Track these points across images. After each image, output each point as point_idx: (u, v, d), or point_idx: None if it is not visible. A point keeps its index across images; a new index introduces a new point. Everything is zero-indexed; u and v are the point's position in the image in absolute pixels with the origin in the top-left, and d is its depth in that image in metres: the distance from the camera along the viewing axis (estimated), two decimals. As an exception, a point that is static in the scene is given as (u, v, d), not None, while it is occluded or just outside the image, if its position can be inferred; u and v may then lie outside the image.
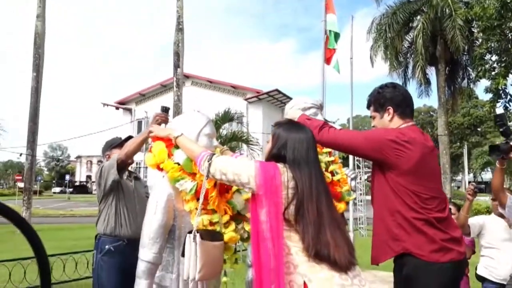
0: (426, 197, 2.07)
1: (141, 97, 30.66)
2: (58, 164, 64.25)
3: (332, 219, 1.65)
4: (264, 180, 1.59)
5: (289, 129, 1.79)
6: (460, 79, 20.83)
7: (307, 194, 1.62)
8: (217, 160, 1.66)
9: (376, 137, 2.13)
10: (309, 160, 1.69)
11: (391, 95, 2.28)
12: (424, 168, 2.10)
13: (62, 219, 19.76)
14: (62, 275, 6.37)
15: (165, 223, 1.79)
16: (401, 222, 2.05)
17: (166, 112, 2.83)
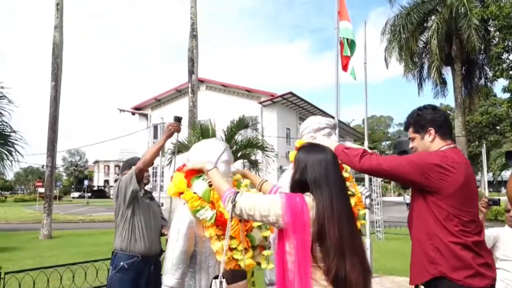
0: (465, 220, 2.11)
1: (156, 103, 30.99)
2: (76, 169, 65.29)
3: (352, 243, 1.63)
4: (292, 218, 1.58)
5: (308, 151, 1.80)
6: (477, 78, 20.51)
7: (328, 216, 1.60)
8: (241, 202, 1.65)
9: (420, 162, 2.14)
10: (329, 181, 1.67)
11: (432, 117, 2.31)
12: (466, 192, 2.14)
13: (82, 225, 20.11)
14: (83, 282, 6.51)
15: (186, 249, 1.86)
16: (438, 246, 2.10)
17: (179, 121, 2.93)
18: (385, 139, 70.40)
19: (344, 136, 39.77)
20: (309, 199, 1.65)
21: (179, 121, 2.93)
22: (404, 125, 2.46)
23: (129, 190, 2.96)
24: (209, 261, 1.94)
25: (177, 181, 1.97)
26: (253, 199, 1.68)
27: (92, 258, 8.05)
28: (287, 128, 28.61)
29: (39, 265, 8.06)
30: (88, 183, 50.83)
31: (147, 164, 3.00)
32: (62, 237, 14.42)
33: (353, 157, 2.16)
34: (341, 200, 1.67)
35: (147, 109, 31.26)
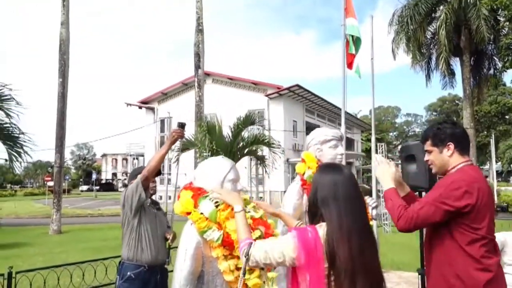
0: (486, 242, 2.14)
1: (163, 96, 31.02)
2: (84, 163, 65.84)
3: (364, 262, 1.57)
4: (306, 258, 1.56)
5: (321, 172, 1.79)
6: (485, 69, 20.26)
7: (336, 234, 1.57)
8: (254, 253, 1.64)
9: (450, 206, 2.13)
10: (336, 197, 1.64)
11: (452, 131, 2.33)
12: (488, 207, 2.18)
13: (91, 219, 20.31)
14: (93, 280, 6.60)
15: (194, 269, 1.88)
16: (459, 273, 2.12)
17: (183, 127, 2.95)
18: (392, 130, 70.01)
19: (351, 127, 39.60)
20: (322, 232, 1.62)
21: (182, 127, 2.95)
22: (422, 138, 2.45)
23: (135, 198, 2.98)
24: (216, 281, 1.95)
25: (184, 201, 1.98)
26: (266, 247, 1.65)
27: (101, 253, 8.15)
28: (293, 120, 28.55)
29: (50, 261, 8.19)
30: (96, 176, 51.27)
31: (152, 171, 3.01)
32: (72, 232, 14.59)
33: (394, 215, 2.20)
34: (351, 216, 1.62)
35: (153, 103, 31.32)
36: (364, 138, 45.01)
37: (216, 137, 9.58)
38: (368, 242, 1.64)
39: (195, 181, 2.06)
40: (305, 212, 2.65)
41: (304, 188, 2.65)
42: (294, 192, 2.65)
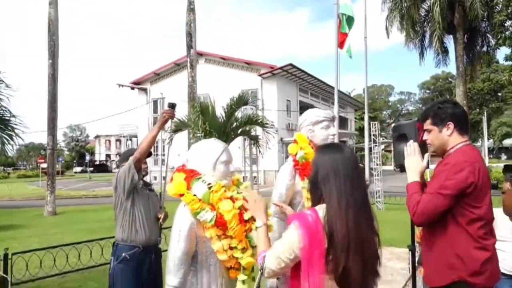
0: (484, 223, 2.19)
1: (155, 77, 30.72)
2: (77, 144, 65.53)
3: (358, 238, 1.60)
4: (310, 241, 1.58)
5: (321, 152, 1.81)
6: (479, 46, 20.23)
7: (335, 210, 1.60)
8: (267, 264, 1.66)
9: (456, 188, 2.15)
10: (337, 175, 1.66)
11: (453, 111, 2.34)
12: (487, 187, 2.24)
13: (85, 200, 20.37)
14: (89, 260, 6.67)
15: (188, 250, 1.91)
16: (459, 252, 2.17)
17: (173, 108, 2.94)
18: (385, 108, 70.14)
19: (345, 106, 39.61)
20: (322, 212, 1.64)
21: (173, 108, 2.94)
22: (422, 116, 2.46)
23: (128, 180, 2.98)
24: (210, 260, 1.98)
25: (177, 183, 2.00)
26: (276, 253, 1.67)
27: (96, 234, 8.21)
28: (287, 100, 28.48)
29: (45, 243, 8.24)
30: (90, 158, 51.12)
31: (144, 153, 3.01)
32: (66, 213, 14.64)
33: (410, 211, 2.21)
34: (350, 192, 1.64)
35: (146, 84, 31.04)
36: (357, 117, 45.10)
37: (209, 117, 9.55)
38: (366, 218, 1.67)
39: (187, 163, 2.07)
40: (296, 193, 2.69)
41: (296, 169, 2.67)
42: (287, 172, 2.67)
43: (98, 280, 5.90)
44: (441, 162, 2.32)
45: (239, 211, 1.94)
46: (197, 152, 2.08)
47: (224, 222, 1.90)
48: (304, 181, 2.61)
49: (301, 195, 2.65)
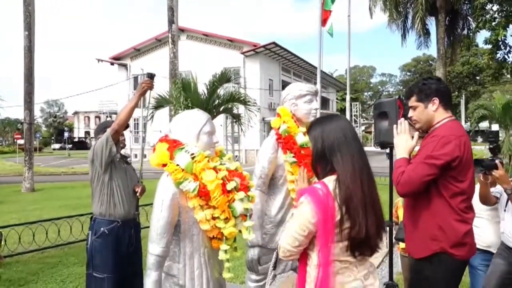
0: (466, 197, 2.27)
1: (136, 52, 30.08)
2: (55, 121, 64.10)
3: (372, 199, 1.69)
4: (323, 215, 1.60)
5: (321, 122, 1.82)
6: (460, 29, 20.45)
7: (351, 178, 1.64)
8: (282, 243, 1.69)
9: (443, 159, 2.19)
10: (347, 141, 1.70)
11: (437, 86, 2.38)
12: (471, 161, 2.31)
13: (64, 177, 20.08)
14: (69, 236, 6.63)
15: (171, 219, 1.91)
16: (442, 224, 2.24)
17: (152, 78, 2.88)
18: (367, 90, 70.64)
19: (327, 86, 39.71)
20: (332, 185, 1.66)
21: (152, 78, 2.88)
22: (407, 94, 2.48)
23: (106, 153, 2.90)
24: (193, 230, 1.99)
25: (159, 153, 1.98)
26: (290, 231, 1.69)
27: (76, 210, 8.14)
28: (269, 79, 28.35)
29: (24, 219, 8.14)
30: (68, 135, 50.15)
31: (122, 125, 2.93)
32: (45, 190, 14.43)
33: (394, 181, 2.26)
34: (361, 158, 1.71)
35: (126, 59, 30.38)
36: (339, 98, 45.33)
37: (191, 94, 9.46)
38: (371, 179, 1.75)
39: (170, 133, 2.06)
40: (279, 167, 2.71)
41: (279, 142, 2.69)
42: (269, 146, 2.69)
43: (78, 255, 5.88)
44: (429, 135, 2.37)
45: (222, 182, 1.95)
46: (180, 122, 2.06)
47: (207, 192, 1.91)
48: (287, 155, 2.63)
49: (284, 168, 2.68)
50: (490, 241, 3.37)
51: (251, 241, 2.54)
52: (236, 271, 5.33)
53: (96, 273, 2.96)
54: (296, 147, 2.62)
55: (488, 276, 3.25)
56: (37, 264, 5.69)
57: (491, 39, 13.57)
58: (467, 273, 3.30)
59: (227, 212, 1.95)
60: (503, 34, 13.17)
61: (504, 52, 13.97)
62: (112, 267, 2.96)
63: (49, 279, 5.11)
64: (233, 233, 1.98)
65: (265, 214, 2.70)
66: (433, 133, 2.33)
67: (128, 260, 3.06)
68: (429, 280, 2.29)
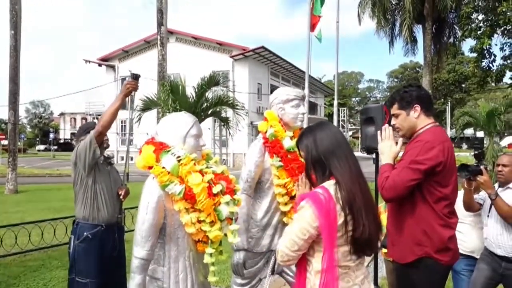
0: (449, 202, 2.29)
1: (124, 54, 29.89)
2: (41, 122, 63.17)
3: (368, 200, 1.71)
4: (326, 220, 1.61)
5: (310, 130, 1.84)
6: (446, 37, 20.81)
7: (351, 180, 1.67)
8: (281, 247, 1.68)
9: (427, 164, 2.21)
10: (340, 145, 1.74)
11: (418, 93, 2.41)
12: (454, 166, 2.34)
13: (49, 179, 19.77)
14: (53, 239, 6.53)
15: (156, 222, 1.90)
16: (426, 228, 2.25)
17: (136, 79, 2.84)
18: (355, 95, 71.23)
19: (315, 92, 39.93)
20: (333, 189, 1.68)
21: (136, 79, 2.85)
22: (389, 102, 2.51)
23: (90, 155, 2.85)
24: (178, 233, 1.98)
25: (145, 156, 1.97)
26: (289, 235, 1.68)
27: (61, 213, 8.01)
28: (258, 83, 28.40)
29: (6, 221, 7.98)
30: (54, 136, 49.48)
31: (106, 126, 2.88)
32: (29, 192, 14.19)
33: (379, 187, 2.27)
34: (352, 157, 1.75)
35: (114, 61, 30.16)
36: (327, 103, 45.60)
37: (179, 96, 9.41)
38: (366, 180, 1.77)
39: (157, 136, 2.05)
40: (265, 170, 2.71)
41: (266, 146, 2.69)
42: (256, 150, 2.69)
43: (61, 259, 5.79)
44: (412, 141, 2.39)
45: (208, 185, 1.94)
46: (167, 125, 2.05)
47: (193, 195, 1.90)
48: (274, 159, 2.63)
49: (270, 172, 2.68)
50: (473, 246, 3.42)
51: (236, 245, 2.53)
52: (222, 275, 5.31)
53: (79, 278, 2.91)
54: (283, 151, 2.62)
55: (472, 280, 3.29)
56: (18, 267, 5.58)
57: (477, 47, 13.80)
58: (450, 278, 3.33)
59: (212, 215, 1.94)
60: (488, 43, 13.40)
61: (489, 60, 14.23)
62: (95, 272, 2.90)
63: (31, 282, 5.02)
64: (219, 237, 1.98)
65: (251, 218, 2.70)
66: (417, 139, 2.35)
67: (112, 264, 3.00)
68: (415, 285, 2.31)
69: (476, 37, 13.94)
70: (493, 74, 14.23)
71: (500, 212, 3.06)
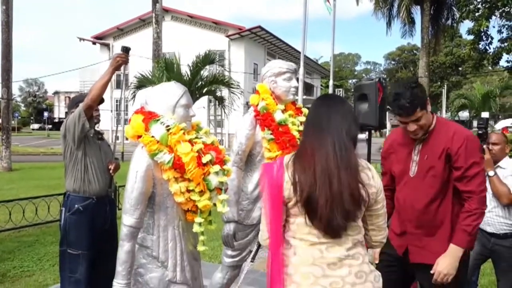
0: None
1: (119, 32, 29.52)
2: (35, 100, 62.63)
3: (328, 190, 1.53)
4: (269, 188, 1.57)
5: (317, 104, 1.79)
6: (444, 19, 20.66)
7: (310, 152, 1.56)
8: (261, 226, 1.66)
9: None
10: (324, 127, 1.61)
11: (422, 89, 2.31)
12: None
13: (43, 157, 19.72)
14: (47, 215, 6.55)
15: (145, 191, 1.90)
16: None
17: (127, 52, 2.79)
18: (351, 77, 70.98)
19: (312, 73, 39.73)
20: (288, 157, 1.64)
21: (127, 52, 2.80)
22: (411, 110, 2.20)
23: (78, 128, 2.82)
24: (167, 202, 1.99)
25: (135, 125, 1.96)
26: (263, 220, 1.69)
27: (55, 191, 8.01)
28: (254, 63, 28.21)
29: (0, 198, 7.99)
30: (48, 115, 49.17)
31: (95, 100, 2.83)
32: (23, 170, 14.17)
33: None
34: (324, 134, 1.59)
35: (108, 39, 29.79)
36: (323, 84, 45.47)
37: (174, 75, 9.34)
38: (346, 161, 1.56)
39: (146, 105, 2.03)
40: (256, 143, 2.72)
41: (257, 119, 2.68)
42: (247, 122, 2.68)
43: (55, 235, 5.81)
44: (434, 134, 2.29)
45: (197, 154, 1.94)
46: (156, 94, 2.03)
47: (182, 164, 1.89)
48: (265, 132, 2.63)
49: (261, 145, 2.68)
50: None
51: (227, 217, 2.56)
52: (215, 251, 5.37)
53: (70, 249, 2.91)
54: (274, 124, 2.62)
55: None
56: (13, 242, 5.62)
57: (474, 29, 13.73)
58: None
59: (202, 185, 1.95)
60: (485, 25, 13.32)
61: (485, 43, 14.17)
62: (87, 244, 2.91)
63: (26, 257, 5.06)
64: (208, 206, 1.98)
65: (241, 190, 2.71)
66: (448, 133, 2.25)
67: (104, 236, 3.01)
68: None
69: (474, 19, 13.85)
70: (489, 57, 14.20)
71: (495, 190, 3.11)
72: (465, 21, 16.47)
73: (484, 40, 14.09)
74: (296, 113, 2.79)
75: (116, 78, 27.93)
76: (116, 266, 1.90)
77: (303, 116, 2.81)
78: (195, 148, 1.94)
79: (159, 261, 1.98)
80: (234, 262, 2.81)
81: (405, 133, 2.34)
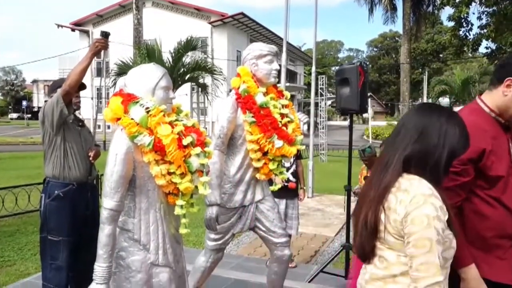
0: None
1: (98, 18, 28.85)
2: (13, 89, 61.06)
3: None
4: None
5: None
6: (425, 5, 20.81)
7: None
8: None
9: None
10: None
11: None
12: None
13: (23, 147, 19.37)
14: (27, 205, 6.47)
15: (125, 173, 1.88)
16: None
17: (106, 37, 2.77)
18: (334, 65, 71.17)
19: (295, 60, 39.67)
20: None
21: (106, 37, 2.77)
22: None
23: (56, 113, 2.78)
24: (148, 185, 1.97)
25: (114, 107, 1.92)
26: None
27: (36, 180, 7.90)
28: (237, 50, 27.97)
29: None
30: (27, 104, 48.08)
31: (74, 85, 2.80)
32: (2, 160, 13.92)
33: None
34: None
35: (88, 25, 29.11)
36: (307, 72, 45.41)
37: (155, 61, 9.16)
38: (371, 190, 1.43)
39: (125, 88, 2.00)
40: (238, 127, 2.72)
41: (238, 102, 2.67)
42: (229, 105, 2.67)
43: (36, 224, 5.68)
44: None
45: (178, 136, 1.93)
46: (135, 76, 2.00)
47: (162, 146, 1.87)
48: (246, 115, 2.63)
49: (243, 128, 2.68)
50: None
51: (209, 200, 2.56)
52: (199, 237, 5.39)
53: (51, 236, 2.88)
54: (255, 107, 2.61)
55: None
56: (-8, 232, 5.54)
57: (454, 16, 13.84)
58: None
59: (183, 167, 1.93)
60: (465, 11, 13.45)
61: (466, 29, 14.33)
62: (68, 230, 2.88)
63: (6, 247, 5.00)
64: (189, 189, 1.98)
65: (224, 173, 2.71)
66: None
67: (85, 223, 2.97)
68: None
69: (454, 5, 13.96)
70: (469, 43, 14.37)
71: None
72: (445, 8, 16.65)
73: (464, 27, 14.24)
74: (278, 96, 2.79)
75: (97, 65, 27.47)
76: (97, 250, 1.88)
77: (285, 99, 2.81)
78: (175, 130, 1.92)
79: (140, 244, 1.97)
80: (217, 246, 2.82)
81: (488, 122, 1.86)
